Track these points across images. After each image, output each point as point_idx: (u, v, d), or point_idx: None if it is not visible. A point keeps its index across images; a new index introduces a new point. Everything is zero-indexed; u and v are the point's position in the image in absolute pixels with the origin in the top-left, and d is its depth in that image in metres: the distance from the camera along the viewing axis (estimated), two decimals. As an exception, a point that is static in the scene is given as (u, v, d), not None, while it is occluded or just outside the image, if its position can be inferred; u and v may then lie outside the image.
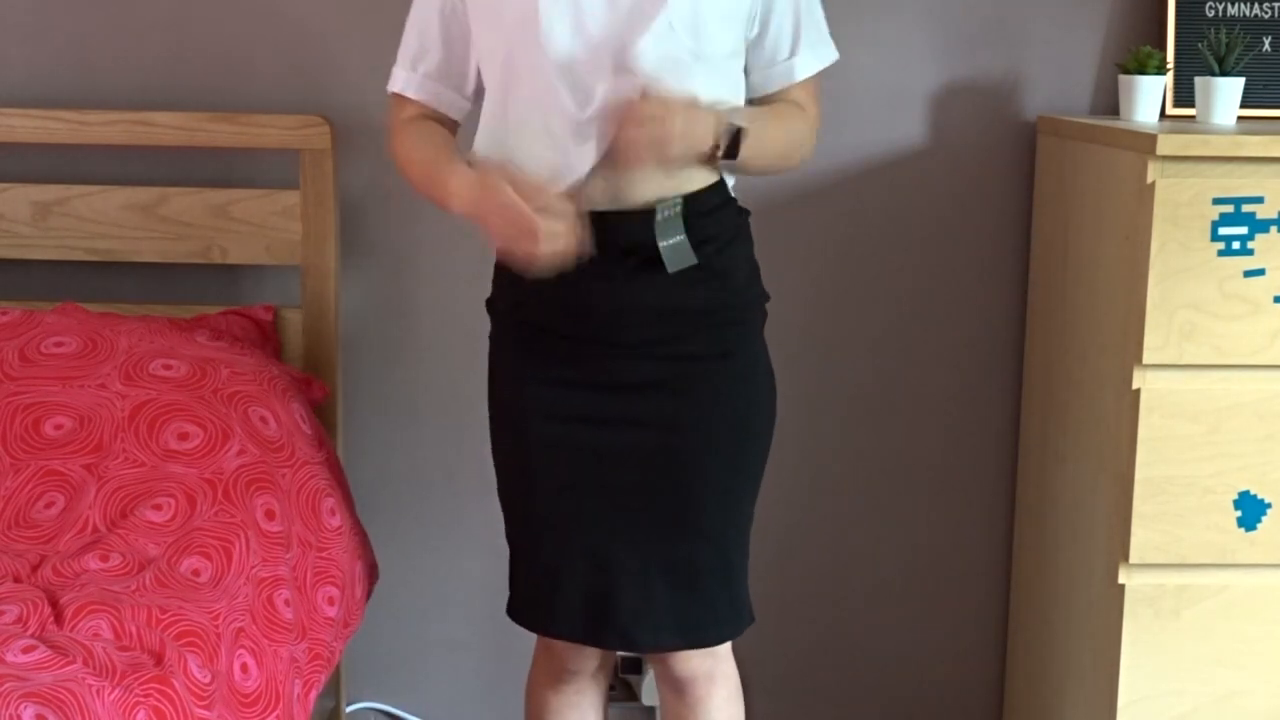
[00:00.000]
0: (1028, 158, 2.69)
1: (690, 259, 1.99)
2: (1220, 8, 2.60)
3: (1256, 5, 2.60)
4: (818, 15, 2.09)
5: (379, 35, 2.65)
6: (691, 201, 1.99)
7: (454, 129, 2.13)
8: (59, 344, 2.34)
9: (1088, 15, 2.66)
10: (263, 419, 2.30)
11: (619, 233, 1.98)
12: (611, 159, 1.95)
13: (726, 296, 2.06)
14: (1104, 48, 2.66)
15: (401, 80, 2.12)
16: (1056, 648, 2.55)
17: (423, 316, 2.74)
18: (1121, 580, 2.28)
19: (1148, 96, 2.46)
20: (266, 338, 2.60)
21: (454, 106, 2.12)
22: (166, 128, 2.57)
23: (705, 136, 1.93)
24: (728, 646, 2.17)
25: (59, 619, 1.88)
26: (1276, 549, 2.26)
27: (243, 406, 2.30)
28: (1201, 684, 2.29)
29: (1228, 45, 2.38)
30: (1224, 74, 2.38)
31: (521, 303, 2.08)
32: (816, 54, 2.08)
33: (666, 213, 1.98)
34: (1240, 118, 2.42)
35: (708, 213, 2.02)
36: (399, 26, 2.66)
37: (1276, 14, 2.60)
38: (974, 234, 2.72)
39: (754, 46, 2.05)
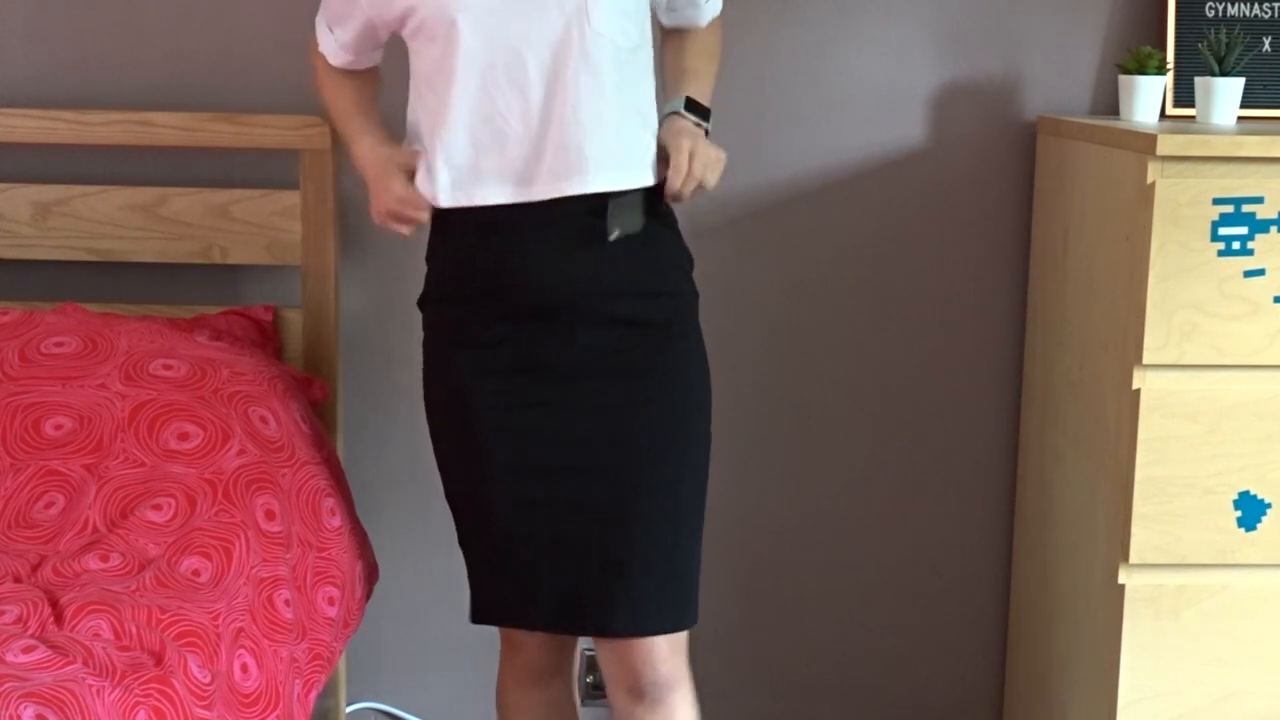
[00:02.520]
0: (1028, 158, 2.69)
1: (635, 225, 2.04)
2: (1220, 8, 2.60)
3: (1256, 5, 2.60)
4: None
5: (379, 35, 2.66)
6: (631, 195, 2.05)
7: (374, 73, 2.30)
8: (59, 344, 2.34)
9: (1088, 15, 2.66)
10: (263, 419, 2.30)
11: (563, 217, 2.02)
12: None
13: (671, 259, 2.11)
14: (1104, 48, 2.67)
15: (324, 43, 2.23)
16: (1056, 648, 2.55)
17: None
18: (1121, 580, 2.28)
19: (1148, 96, 2.46)
20: (266, 338, 2.60)
21: (370, 60, 2.27)
22: (166, 128, 2.57)
23: (712, 152, 2.06)
24: (685, 649, 2.14)
25: (59, 619, 1.88)
26: (1276, 549, 2.26)
27: (243, 406, 2.30)
28: (1201, 684, 2.29)
29: (1228, 45, 2.38)
30: (1224, 74, 2.38)
31: (461, 288, 2.09)
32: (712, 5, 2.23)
33: (624, 205, 2.03)
34: (1240, 118, 2.42)
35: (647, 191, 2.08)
36: (399, 26, 2.67)
37: (1276, 14, 2.61)
38: (974, 234, 2.72)
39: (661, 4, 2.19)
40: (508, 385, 2.07)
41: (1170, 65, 2.55)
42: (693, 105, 2.12)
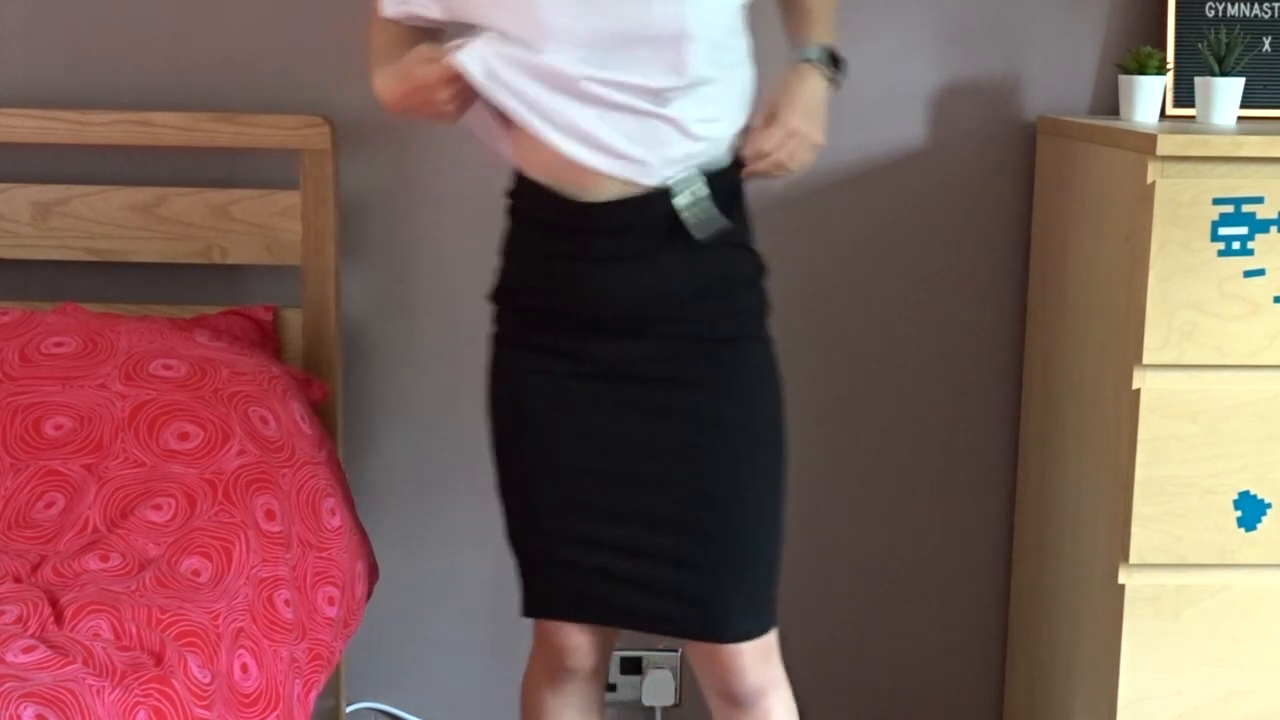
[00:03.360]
0: (1028, 158, 2.69)
1: (718, 221, 2.00)
2: (1220, 8, 2.60)
3: (1256, 5, 2.60)
4: None
5: (379, 35, 2.66)
6: (709, 180, 2.00)
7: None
8: (59, 344, 2.34)
9: (1088, 15, 2.66)
10: (263, 419, 2.30)
11: (634, 214, 1.97)
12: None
13: (742, 273, 2.07)
14: (1104, 48, 2.67)
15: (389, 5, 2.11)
16: (1056, 648, 2.55)
17: (423, 316, 2.75)
18: (1121, 580, 2.28)
19: (1148, 96, 2.46)
20: (266, 338, 2.60)
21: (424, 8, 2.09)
22: (166, 128, 2.57)
23: (822, 102, 2.04)
24: (778, 652, 2.14)
25: (59, 619, 1.88)
26: (1276, 549, 2.26)
27: (243, 406, 2.30)
28: (1201, 684, 2.29)
29: (1228, 45, 2.38)
30: (1224, 74, 2.38)
31: (527, 289, 2.07)
32: None
33: (684, 185, 1.98)
34: (1240, 118, 2.42)
35: (723, 188, 2.02)
36: (399, 26, 2.66)
37: (1276, 14, 2.60)
38: (974, 234, 2.72)
39: None
40: (568, 388, 2.05)
41: (1170, 65, 2.55)
42: (829, 56, 2.07)
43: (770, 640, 2.11)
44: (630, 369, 2.03)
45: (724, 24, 1.99)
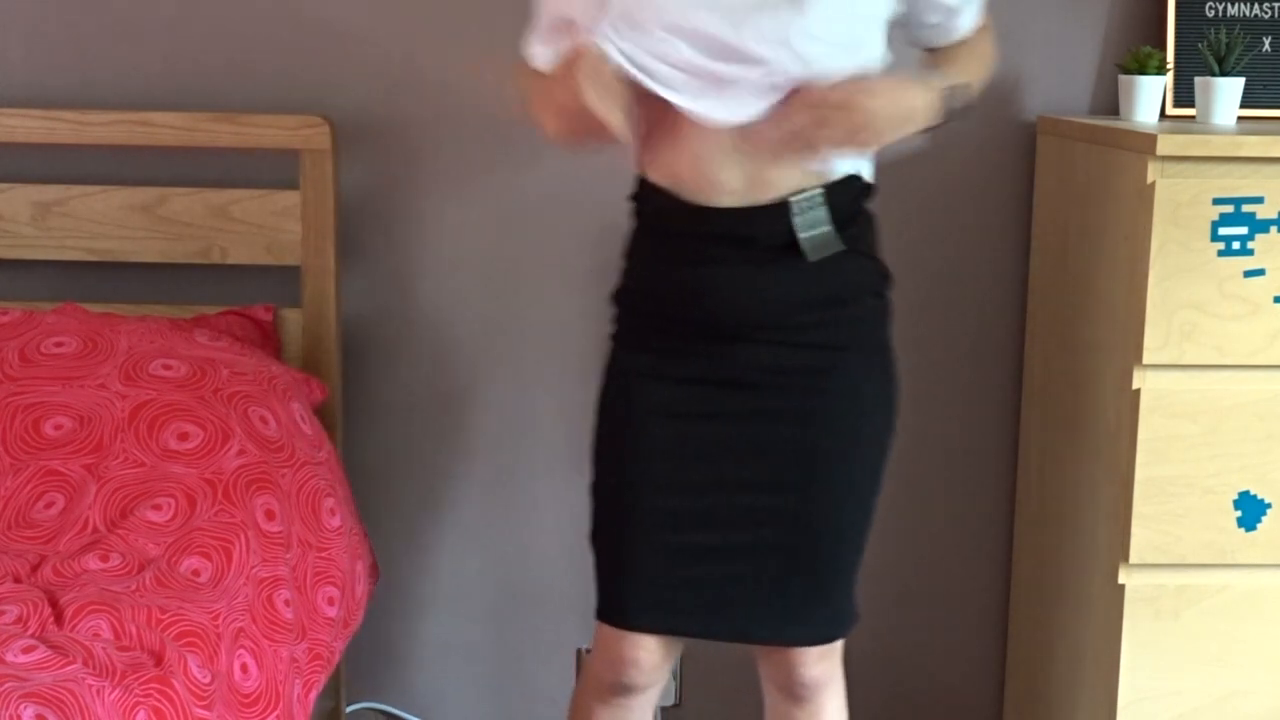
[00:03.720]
0: (1028, 158, 2.69)
1: (834, 245, 1.99)
2: (1220, 8, 2.60)
3: (1256, 5, 2.60)
4: None
5: (380, 36, 2.66)
6: (832, 192, 1.99)
7: None
8: (59, 344, 2.34)
9: (1088, 15, 2.66)
10: (263, 419, 2.30)
11: (754, 225, 1.97)
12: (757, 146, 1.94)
13: (859, 282, 2.05)
14: (1104, 48, 2.67)
15: (534, 54, 2.09)
16: (1056, 648, 2.55)
17: (423, 316, 2.75)
18: (1121, 580, 2.28)
19: (1148, 96, 2.46)
20: (266, 338, 2.60)
21: None
22: (166, 128, 2.57)
23: (916, 114, 1.97)
24: (841, 651, 2.16)
25: (59, 619, 1.88)
26: (1276, 549, 2.26)
27: (243, 406, 2.30)
28: (1201, 684, 2.29)
29: (1228, 45, 2.38)
30: (1224, 74, 2.38)
31: (644, 292, 2.08)
32: (973, 6, 2.11)
33: (805, 207, 1.97)
34: (1240, 118, 2.42)
35: (846, 202, 2.02)
36: (399, 27, 2.67)
37: (1276, 14, 2.60)
38: (974, 234, 2.72)
39: (910, 16, 2.07)
40: (676, 394, 2.04)
41: (1170, 65, 2.55)
42: (952, 90, 2.02)
43: (839, 645, 2.15)
44: (739, 376, 2.02)
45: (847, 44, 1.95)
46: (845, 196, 2.02)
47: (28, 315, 2.42)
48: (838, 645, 2.15)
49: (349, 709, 2.79)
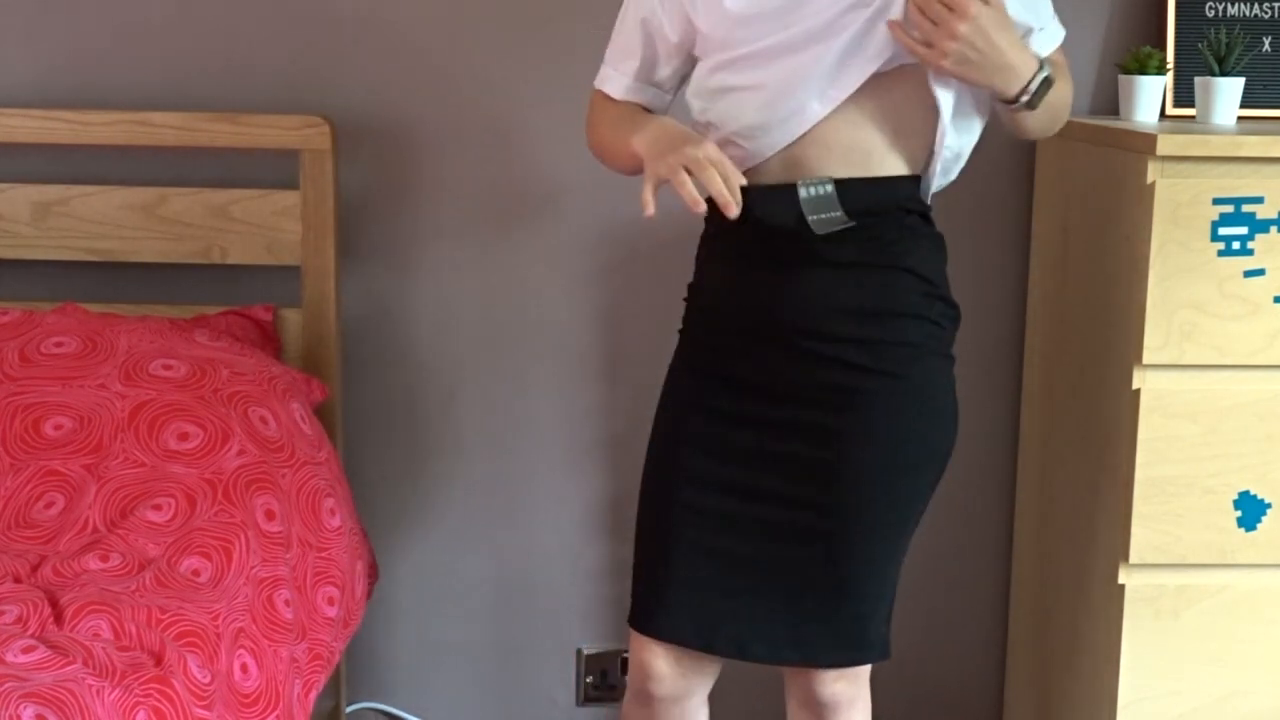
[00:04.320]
0: (1028, 158, 2.69)
1: (839, 220, 1.93)
2: (1220, 8, 2.60)
3: (1256, 5, 2.60)
4: None
5: (379, 36, 2.66)
6: (867, 187, 1.95)
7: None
8: (59, 344, 2.34)
9: (1088, 15, 2.66)
10: (263, 419, 2.30)
11: (773, 208, 1.95)
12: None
13: (902, 300, 1.99)
14: (1104, 48, 2.66)
15: (606, 78, 2.11)
16: (1056, 648, 2.55)
17: (422, 316, 2.75)
18: (1121, 580, 2.28)
19: (1148, 96, 2.46)
20: (266, 338, 2.60)
21: (655, 102, 2.10)
22: (166, 128, 2.57)
23: (1014, 56, 1.89)
24: (866, 673, 2.13)
25: (59, 619, 1.88)
26: (1276, 549, 2.26)
27: (243, 406, 2.30)
28: (1201, 684, 2.29)
29: (1228, 45, 2.38)
30: (1224, 74, 2.38)
31: (701, 289, 2.09)
32: (1053, 30, 2.05)
33: (813, 191, 1.94)
34: (1240, 118, 2.42)
35: (887, 202, 1.97)
36: (398, 27, 2.67)
37: (1276, 14, 2.60)
38: (974, 234, 2.72)
39: None
40: (720, 394, 2.03)
41: (1170, 65, 2.55)
42: (1047, 78, 1.94)
43: (863, 671, 2.12)
44: (774, 383, 2.00)
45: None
46: (884, 195, 1.97)
47: (28, 315, 2.42)
48: (861, 668, 2.11)
49: (349, 709, 2.79)
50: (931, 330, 2.02)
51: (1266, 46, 2.60)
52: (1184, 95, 2.57)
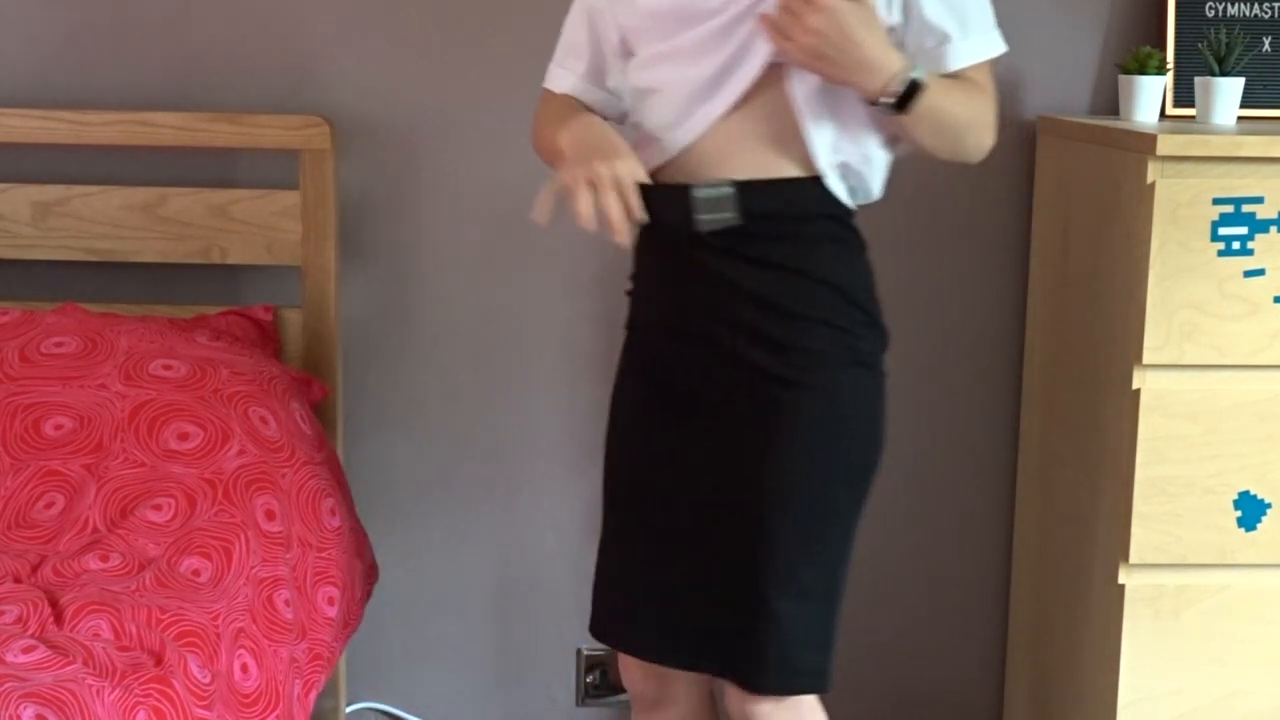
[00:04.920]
0: (1028, 158, 2.69)
1: (727, 218, 1.91)
2: (1220, 8, 2.60)
3: (1256, 5, 2.60)
4: (978, 3, 1.98)
5: (379, 35, 2.66)
6: (769, 189, 1.92)
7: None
8: (59, 344, 2.34)
9: (1088, 15, 2.66)
10: (263, 419, 2.30)
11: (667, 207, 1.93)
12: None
13: (811, 304, 1.94)
14: (1104, 48, 2.67)
15: (552, 75, 2.10)
16: (1056, 648, 2.55)
17: (423, 316, 2.75)
18: (1121, 580, 2.28)
19: (1148, 96, 2.46)
20: (266, 338, 2.60)
21: (608, 106, 2.07)
22: (166, 128, 2.57)
23: (871, 57, 1.83)
24: (804, 705, 2.00)
25: (59, 619, 1.88)
26: (1276, 549, 2.26)
27: (243, 406, 2.30)
28: (1201, 684, 2.29)
29: (1228, 45, 2.38)
30: (1224, 74, 2.38)
31: (632, 287, 2.09)
32: (977, 43, 1.97)
33: (709, 194, 1.92)
34: (1240, 118, 2.42)
35: (790, 208, 1.93)
36: (398, 27, 2.67)
37: (1276, 14, 2.60)
38: (974, 234, 2.72)
39: (905, 34, 1.93)
40: (647, 399, 2.02)
41: (1170, 65, 2.55)
42: (914, 83, 1.86)
43: (800, 702, 2.00)
44: (692, 384, 1.97)
45: None
46: (786, 197, 1.93)
47: (28, 315, 2.42)
48: (802, 707, 2.00)
49: (349, 709, 2.79)
50: (839, 337, 1.95)
51: (1266, 46, 2.60)
52: (1184, 95, 2.57)
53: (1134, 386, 2.23)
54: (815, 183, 1.95)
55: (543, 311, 2.73)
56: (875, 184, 2.04)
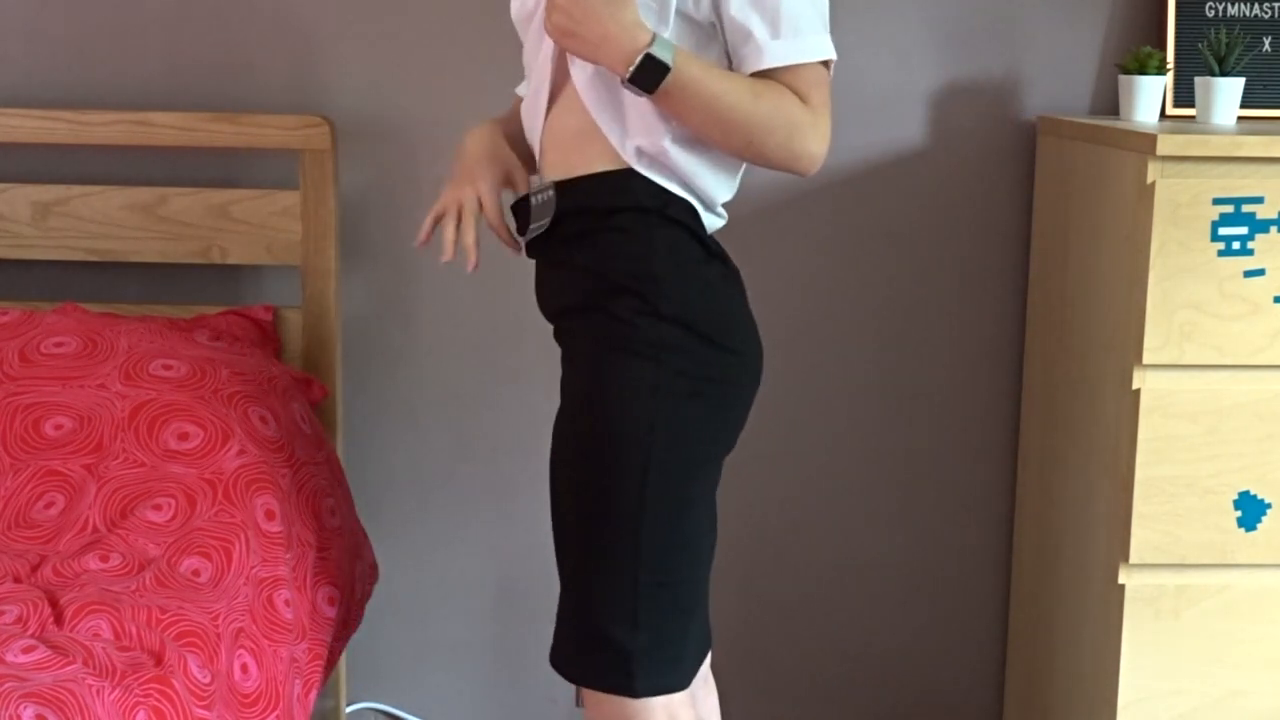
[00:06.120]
0: (1028, 158, 2.69)
1: (543, 225, 1.93)
2: (1220, 8, 2.60)
3: (1256, 5, 2.60)
4: (796, 6, 1.84)
5: (379, 35, 2.66)
6: (580, 185, 1.90)
7: None
8: (59, 344, 2.34)
9: (1088, 15, 2.66)
10: (263, 419, 2.30)
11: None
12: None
13: (600, 277, 1.89)
14: (1104, 48, 2.67)
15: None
16: (1056, 648, 2.55)
17: (423, 316, 2.75)
18: (1121, 580, 2.28)
19: (1148, 96, 2.46)
20: (266, 338, 2.60)
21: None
22: (166, 128, 2.57)
23: (612, 31, 1.78)
24: (633, 710, 1.93)
25: (59, 619, 1.88)
26: (1276, 549, 2.26)
27: (243, 406, 2.30)
28: (1201, 684, 2.29)
29: (1228, 45, 2.38)
30: (1224, 74, 2.38)
31: None
32: (791, 46, 1.83)
33: (538, 199, 1.96)
34: (1240, 118, 2.42)
35: (603, 205, 1.89)
36: (398, 27, 2.67)
37: (1276, 14, 2.61)
38: (974, 234, 2.72)
39: (724, 31, 1.86)
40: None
41: (1170, 65, 2.55)
42: (655, 62, 1.78)
43: (619, 709, 1.93)
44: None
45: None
46: (592, 190, 1.90)
47: (28, 315, 2.42)
48: (616, 704, 1.93)
49: (349, 709, 2.79)
50: (610, 325, 1.87)
51: (1266, 46, 2.60)
52: (1184, 95, 2.57)
53: (1134, 386, 2.23)
54: (626, 175, 1.88)
55: (543, 311, 2.73)
56: (706, 180, 1.90)
